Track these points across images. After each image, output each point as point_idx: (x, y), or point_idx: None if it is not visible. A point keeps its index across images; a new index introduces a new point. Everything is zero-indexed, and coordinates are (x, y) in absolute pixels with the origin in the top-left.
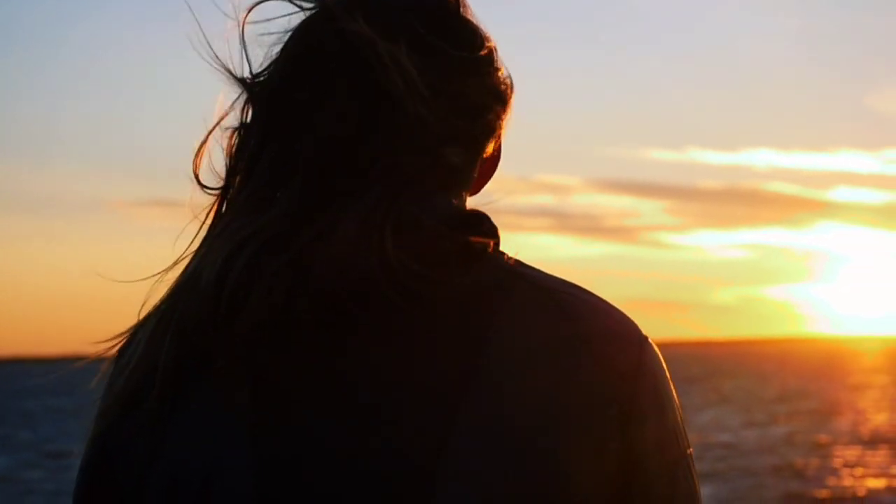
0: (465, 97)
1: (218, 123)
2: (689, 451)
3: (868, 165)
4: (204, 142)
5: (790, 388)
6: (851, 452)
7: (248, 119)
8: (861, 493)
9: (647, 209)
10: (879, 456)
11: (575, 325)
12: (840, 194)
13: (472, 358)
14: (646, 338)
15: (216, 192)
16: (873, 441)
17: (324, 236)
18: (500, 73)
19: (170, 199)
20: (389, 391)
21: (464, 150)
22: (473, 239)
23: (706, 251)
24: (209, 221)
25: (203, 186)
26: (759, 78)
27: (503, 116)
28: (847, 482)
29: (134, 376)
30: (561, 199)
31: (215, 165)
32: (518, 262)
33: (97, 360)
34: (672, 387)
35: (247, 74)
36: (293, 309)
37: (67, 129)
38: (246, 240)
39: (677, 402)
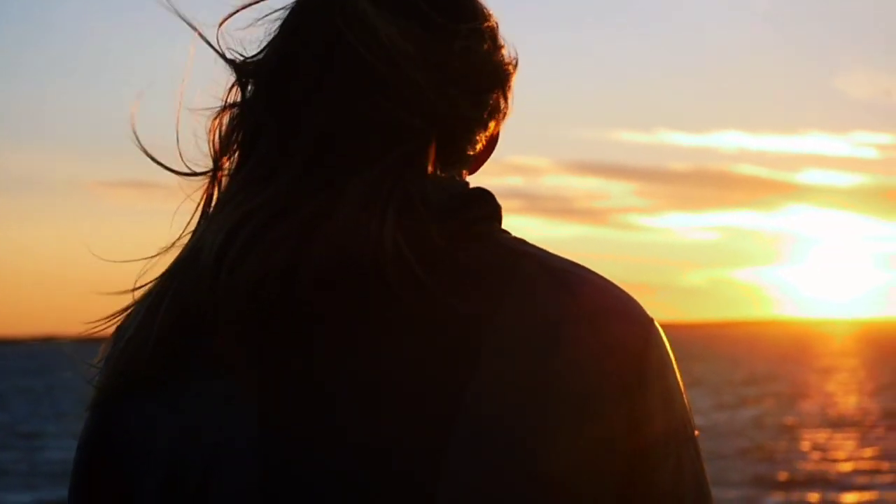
0: (468, 74)
1: (225, 107)
2: (695, 434)
3: (837, 148)
4: (177, 121)
5: (759, 371)
6: (819, 435)
7: (243, 98)
8: (829, 475)
9: (617, 191)
10: (847, 439)
11: (580, 303)
12: (809, 177)
13: (475, 341)
14: (652, 319)
15: (201, 175)
16: (841, 424)
17: (325, 214)
18: (503, 51)
19: (145, 181)
20: (391, 382)
21: (465, 128)
22: (477, 217)
23: (676, 233)
24: (203, 203)
25: (178, 172)
26: (728, 60)
27: (507, 95)
28: (815, 465)
29: (130, 348)
30: (531, 181)
31: (183, 149)
32: (521, 240)
33: (73, 342)
34: (677, 370)
35: (237, 56)
36: (293, 284)
37: (44, 109)
38: (249, 213)
39: (682, 385)
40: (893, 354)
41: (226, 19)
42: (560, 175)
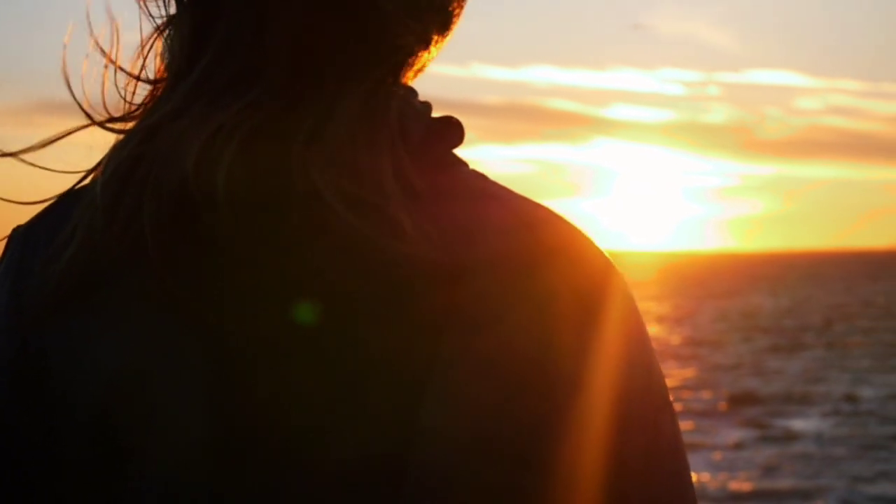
0: None
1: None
2: (670, 401)
3: (645, 84)
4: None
5: None
6: None
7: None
8: None
9: None
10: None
11: (540, 241)
12: (617, 112)
13: (450, 297)
14: (613, 265)
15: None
16: None
17: (315, 138)
18: None
19: (55, 104)
20: (357, 349)
21: (424, 43)
22: (447, 149)
23: (489, 165)
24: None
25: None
26: None
27: (460, 10)
28: None
29: (74, 266)
30: None
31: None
32: (482, 176)
33: None
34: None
35: None
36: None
37: None
38: (225, 126)
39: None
40: (698, 284)
41: None
42: None
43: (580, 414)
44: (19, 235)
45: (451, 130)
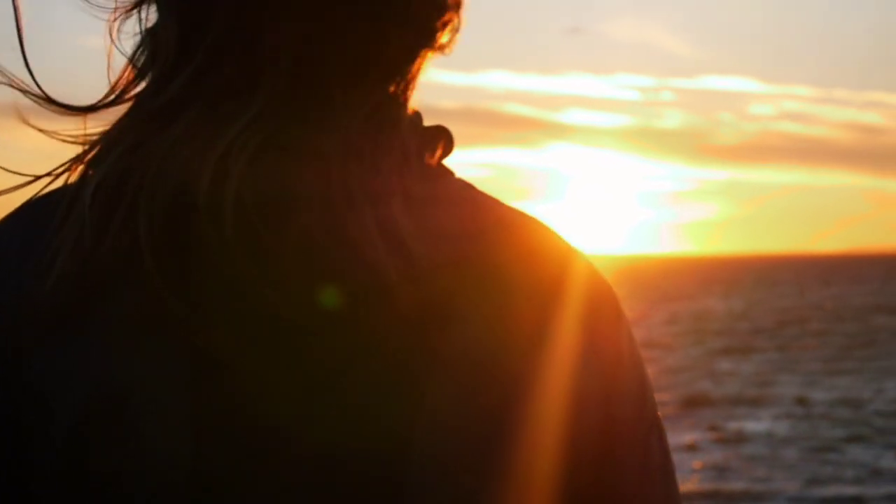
0: None
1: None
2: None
3: (600, 89)
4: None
5: None
6: None
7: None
8: None
9: None
10: None
11: (506, 242)
12: (572, 116)
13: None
14: (579, 268)
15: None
16: None
17: (324, 154)
18: None
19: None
20: (352, 360)
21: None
22: (439, 160)
23: None
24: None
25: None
26: (496, 1)
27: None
28: None
29: (64, 285)
30: None
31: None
32: (469, 185)
33: None
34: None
35: None
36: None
37: None
38: (236, 142)
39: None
40: (652, 288)
41: None
42: None
43: (536, 417)
44: None
45: (445, 142)
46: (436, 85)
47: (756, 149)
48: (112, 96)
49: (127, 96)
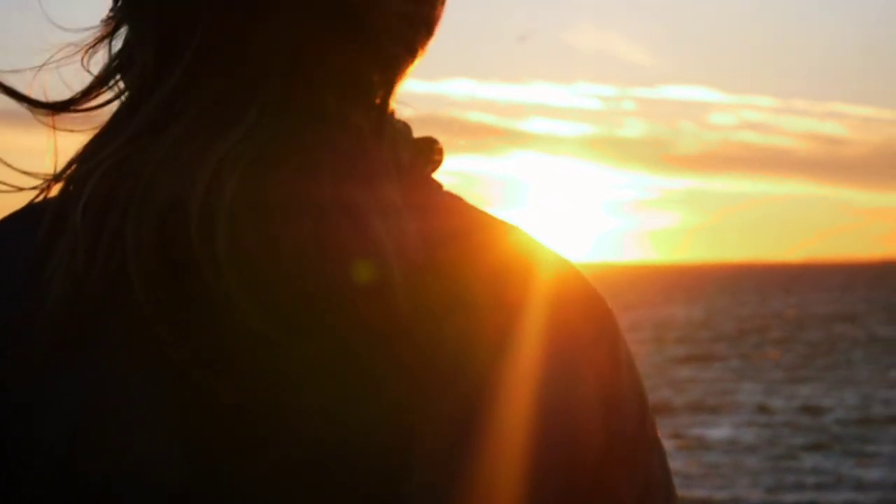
0: None
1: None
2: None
3: (561, 98)
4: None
5: None
6: None
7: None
8: None
9: None
10: None
11: (477, 247)
12: (534, 125)
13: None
14: (545, 276)
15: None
16: None
17: (319, 169)
18: None
19: None
20: (341, 390)
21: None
22: (430, 172)
23: None
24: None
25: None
26: (460, 10)
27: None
28: None
29: (60, 308)
30: None
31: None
32: (457, 196)
33: None
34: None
35: None
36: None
37: None
38: (227, 156)
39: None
40: (613, 296)
41: None
42: None
43: (497, 427)
44: None
45: (435, 154)
46: (399, 93)
47: (717, 158)
48: (82, 96)
49: (96, 103)
